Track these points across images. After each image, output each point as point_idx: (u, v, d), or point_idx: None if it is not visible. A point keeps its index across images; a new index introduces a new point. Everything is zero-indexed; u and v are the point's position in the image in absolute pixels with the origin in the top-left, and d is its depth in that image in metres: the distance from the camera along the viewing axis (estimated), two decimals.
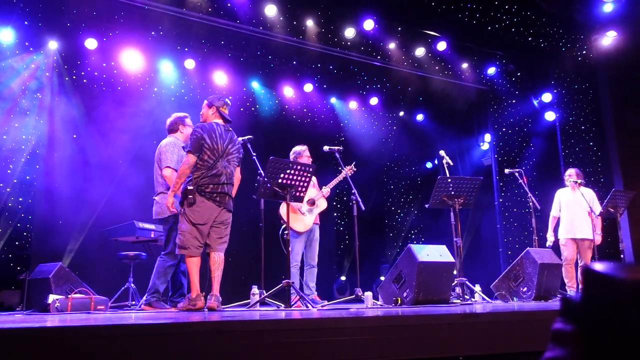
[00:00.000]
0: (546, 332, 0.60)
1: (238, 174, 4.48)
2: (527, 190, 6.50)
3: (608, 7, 7.99)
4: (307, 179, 4.50)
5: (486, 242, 9.06)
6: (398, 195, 10.29)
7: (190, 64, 7.55)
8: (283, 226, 5.34)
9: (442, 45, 8.10)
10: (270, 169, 4.33)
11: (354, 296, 5.17)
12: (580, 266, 6.21)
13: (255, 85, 8.48)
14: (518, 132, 8.93)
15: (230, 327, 2.21)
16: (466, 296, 5.04)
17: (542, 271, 5.42)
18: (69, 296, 4.14)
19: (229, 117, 4.50)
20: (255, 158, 4.88)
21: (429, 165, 10.43)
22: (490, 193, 8.88)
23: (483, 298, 5.46)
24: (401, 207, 10.26)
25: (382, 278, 6.37)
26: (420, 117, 10.02)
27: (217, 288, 4.16)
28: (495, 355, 2.61)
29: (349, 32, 7.65)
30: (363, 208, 5.22)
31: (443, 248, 4.84)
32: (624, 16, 7.99)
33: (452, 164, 5.92)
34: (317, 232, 5.73)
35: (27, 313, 4.51)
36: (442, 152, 5.89)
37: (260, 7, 7.06)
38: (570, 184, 6.47)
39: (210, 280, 4.21)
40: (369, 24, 7.63)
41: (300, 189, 4.52)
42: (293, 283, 4.45)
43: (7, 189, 6.11)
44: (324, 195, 5.75)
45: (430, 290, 4.55)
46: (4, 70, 6.36)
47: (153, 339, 2.04)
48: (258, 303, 4.58)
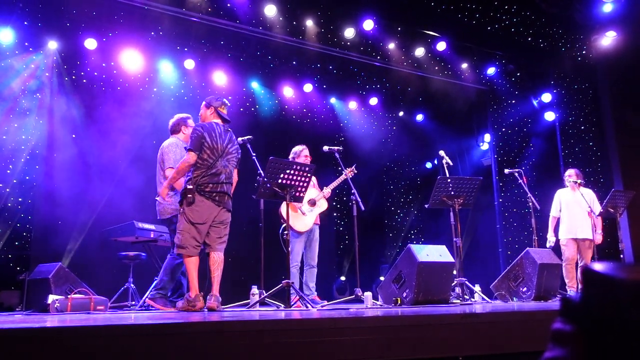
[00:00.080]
0: (546, 332, 0.60)
1: (235, 176, 4.49)
2: (527, 190, 6.50)
3: (608, 7, 7.99)
4: (307, 179, 4.50)
5: (486, 242, 9.06)
6: (398, 195, 10.28)
7: (190, 64, 7.55)
8: (283, 225, 5.34)
9: (442, 45, 8.10)
10: (270, 169, 4.33)
11: (354, 296, 5.17)
12: (580, 266, 6.21)
13: (254, 85, 8.48)
14: (518, 132, 8.93)
15: (230, 327, 2.21)
16: (466, 296, 5.04)
17: (542, 271, 5.42)
18: (69, 296, 4.14)
19: (228, 117, 4.50)
20: (255, 158, 4.88)
21: (429, 165, 10.43)
22: (490, 193, 8.88)
23: (483, 298, 5.46)
24: (401, 207, 10.25)
25: (382, 278, 6.37)
26: (420, 117, 10.02)
27: (217, 288, 4.16)
28: (495, 355, 2.61)
29: (349, 32, 7.65)
30: (363, 208, 5.22)
31: (443, 248, 4.84)
32: (624, 16, 7.99)
33: (452, 164, 5.92)
34: (317, 233, 5.73)
35: (27, 313, 4.51)
36: (442, 152, 5.89)
37: (260, 7, 7.06)
38: (570, 184, 6.48)
39: (210, 280, 4.21)
40: (369, 24, 7.63)
41: (300, 189, 4.52)
42: (293, 283, 4.45)
43: (7, 189, 6.11)
44: (325, 196, 5.75)
45: (430, 290, 4.55)
46: (4, 70, 6.36)
47: (153, 339, 2.04)
48: (258, 303, 4.58)
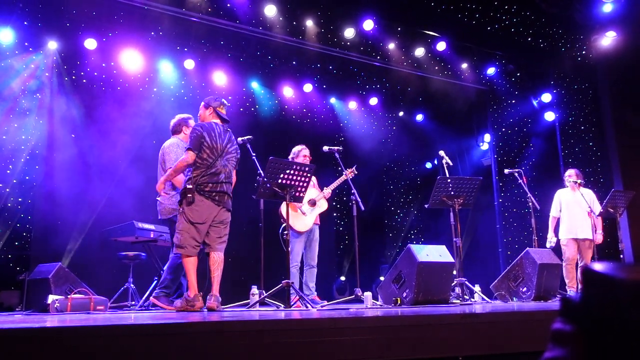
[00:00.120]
0: (546, 332, 0.60)
1: (233, 177, 4.49)
2: (527, 190, 6.50)
3: (607, 8, 7.99)
4: (307, 179, 4.50)
5: (486, 243, 9.06)
6: (398, 195, 10.28)
7: (189, 64, 7.54)
8: (283, 225, 5.34)
9: (442, 45, 8.10)
10: (269, 169, 4.33)
11: (354, 296, 5.17)
12: (580, 266, 6.21)
13: (254, 85, 8.48)
14: (518, 132, 8.93)
15: (230, 327, 2.21)
16: (466, 296, 5.04)
17: (542, 271, 5.42)
18: (69, 296, 4.14)
19: (227, 117, 4.50)
20: (254, 158, 4.87)
21: (429, 165, 10.43)
22: (489, 193, 8.88)
23: (483, 298, 5.46)
24: (401, 208, 10.25)
25: (382, 278, 6.37)
26: (419, 117, 10.01)
27: (217, 288, 4.15)
28: (495, 355, 2.61)
29: (349, 32, 7.64)
30: (363, 208, 5.22)
31: (443, 248, 4.84)
32: (624, 16, 7.99)
33: (452, 164, 5.92)
34: (317, 233, 5.73)
35: (27, 313, 4.51)
36: (442, 153, 5.89)
37: (259, 7, 7.06)
38: (570, 185, 6.48)
39: (209, 280, 4.21)
40: (369, 24, 7.62)
41: (299, 189, 4.52)
42: (293, 283, 4.45)
43: (7, 189, 6.11)
44: (325, 196, 5.75)
45: (429, 290, 4.55)
46: (4, 70, 6.36)
47: (153, 339, 2.04)
48: (258, 303, 4.59)
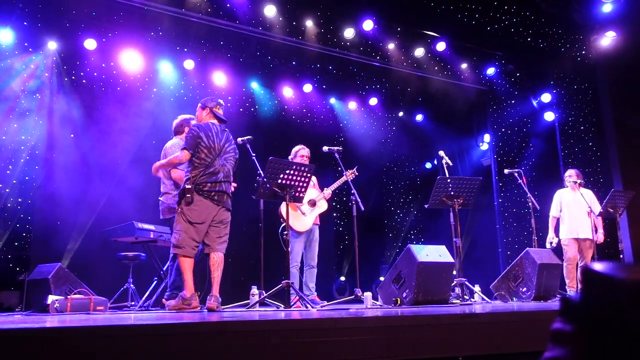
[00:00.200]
0: (546, 332, 0.59)
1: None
2: (527, 190, 6.50)
3: (607, 8, 7.99)
4: (307, 179, 4.50)
5: (485, 243, 9.05)
6: (397, 195, 10.28)
7: (189, 65, 7.54)
8: (283, 225, 5.34)
9: (442, 45, 8.10)
10: (269, 170, 4.33)
11: (354, 296, 5.17)
12: (580, 266, 6.21)
13: (254, 85, 8.48)
14: (517, 133, 8.93)
15: (230, 328, 2.21)
16: (465, 296, 5.04)
17: (542, 271, 5.42)
18: (69, 297, 4.14)
19: (224, 117, 4.51)
20: (254, 158, 4.87)
21: (429, 165, 10.43)
22: (489, 193, 8.88)
23: (482, 298, 5.45)
24: (401, 208, 10.25)
25: (382, 278, 6.36)
26: (419, 118, 10.01)
27: (217, 289, 4.15)
28: (494, 355, 2.61)
29: (349, 33, 7.65)
30: (362, 208, 5.22)
31: (442, 248, 4.84)
32: (623, 16, 7.99)
33: (452, 164, 5.91)
34: (317, 233, 5.73)
35: (27, 314, 4.50)
36: (442, 153, 5.88)
37: (259, 8, 7.06)
38: (570, 185, 6.48)
39: (209, 280, 4.20)
40: (369, 25, 7.62)
41: (299, 189, 4.52)
42: (292, 283, 4.45)
43: (7, 190, 6.11)
44: (325, 197, 5.75)
45: (429, 290, 4.55)
46: (4, 70, 6.36)
47: (153, 339, 2.04)
48: (257, 303, 4.58)
